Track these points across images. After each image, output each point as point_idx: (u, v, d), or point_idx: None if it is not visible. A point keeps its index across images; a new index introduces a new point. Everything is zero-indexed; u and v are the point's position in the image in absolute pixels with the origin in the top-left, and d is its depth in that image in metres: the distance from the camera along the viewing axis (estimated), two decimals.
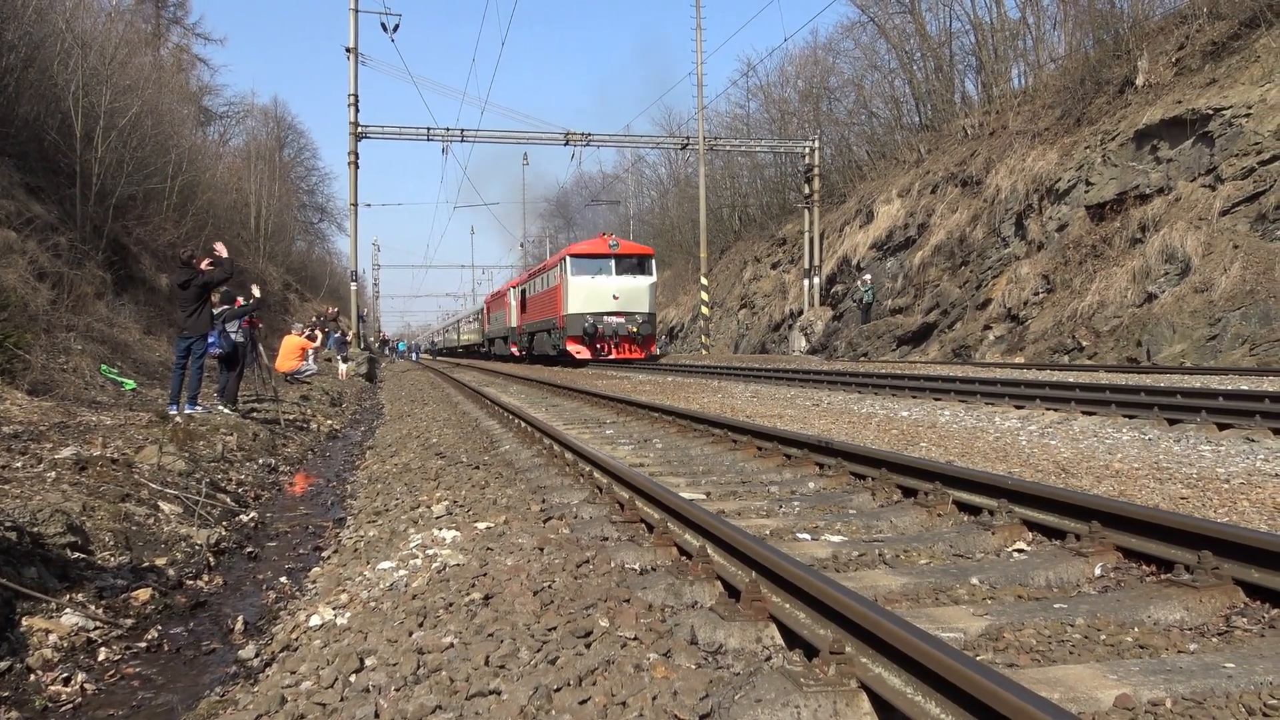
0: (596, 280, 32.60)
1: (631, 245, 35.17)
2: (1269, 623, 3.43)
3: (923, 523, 5.27)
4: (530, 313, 40.71)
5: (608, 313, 32.20)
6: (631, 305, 32.69)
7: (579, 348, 32.60)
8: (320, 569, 5.82)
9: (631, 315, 32.42)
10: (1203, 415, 8.55)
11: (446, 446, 9.89)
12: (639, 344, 32.62)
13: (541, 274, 38.79)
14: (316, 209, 78.91)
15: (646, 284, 33.46)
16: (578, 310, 32.45)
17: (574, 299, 32.65)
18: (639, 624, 3.41)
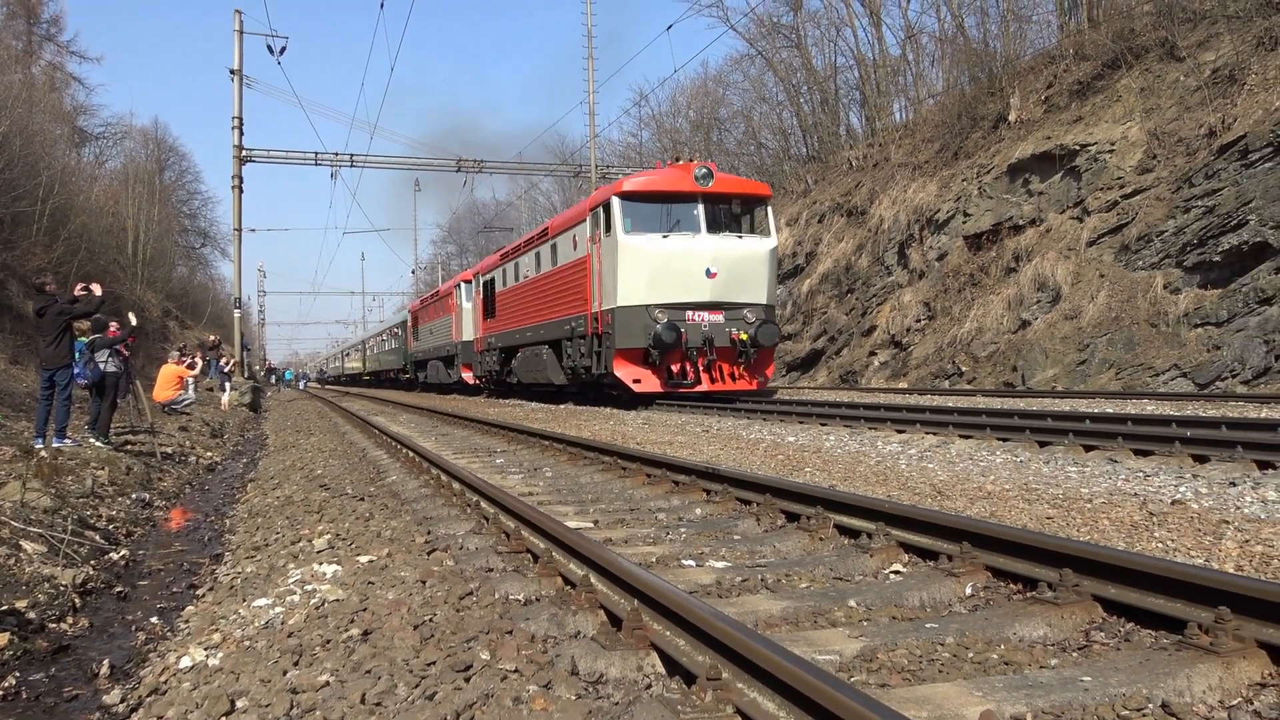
0: (672, 243, 18.11)
1: (732, 179, 19.74)
2: (1125, 636, 3.60)
3: (805, 547, 5.37)
4: (510, 314, 26.36)
5: (694, 304, 18.00)
6: (737, 289, 18.24)
7: (639, 371, 18.16)
8: (194, 608, 5.61)
9: (737, 309, 18.21)
10: (1070, 437, 8.93)
11: (331, 478, 9.68)
12: (749, 362, 18.31)
13: (538, 245, 23.75)
14: (199, 234, 76.51)
15: (764, 250, 18.69)
16: (638, 300, 17.87)
17: (631, 278, 18.04)
18: (520, 656, 3.39)
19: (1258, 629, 3.22)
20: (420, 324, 42.53)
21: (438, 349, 37.97)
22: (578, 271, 20.34)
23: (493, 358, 28.59)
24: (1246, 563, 4.34)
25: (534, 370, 24.01)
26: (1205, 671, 3.04)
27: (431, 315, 39.77)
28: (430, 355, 39.83)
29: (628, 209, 18.29)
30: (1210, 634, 3.20)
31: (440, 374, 37.41)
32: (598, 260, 19.12)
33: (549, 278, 22.69)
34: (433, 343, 39.25)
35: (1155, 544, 4.80)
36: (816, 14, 40.51)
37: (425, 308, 42.04)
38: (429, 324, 40.15)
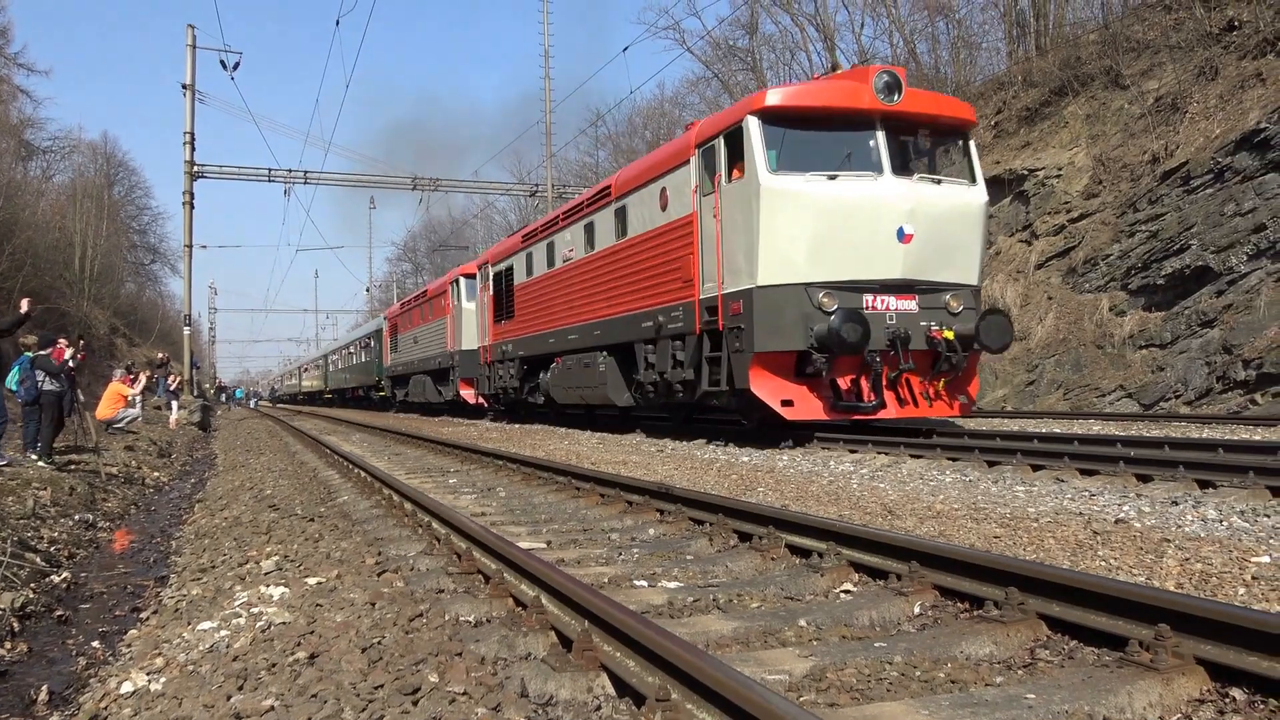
0: (843, 189, 11.78)
1: (926, 95, 13.28)
2: (1068, 654, 3.65)
3: (757, 567, 5.39)
4: (540, 312, 20.14)
5: (877, 284, 11.91)
6: (940, 262, 12.18)
7: (790, 389, 11.95)
8: (137, 631, 5.50)
9: (936, 292, 12.20)
10: (1019, 457, 9.05)
11: (281, 498, 9.55)
12: (954, 373, 12.25)
13: (589, 213, 17.40)
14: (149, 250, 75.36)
15: (976, 204, 12.60)
16: (792, 276, 11.73)
17: (781, 241, 11.79)
18: (469, 678, 3.36)
19: (1196, 646, 3.28)
20: (400, 332, 35.83)
21: (424, 361, 31.11)
22: (671, 240, 13.79)
23: (508, 371, 22.34)
24: (1187, 580, 4.43)
25: (581, 387, 17.76)
26: (1146, 688, 3.10)
27: (416, 321, 32.84)
28: (414, 369, 33.22)
29: (772, 137, 11.71)
30: (1151, 651, 3.26)
31: (427, 391, 31.12)
32: (714, 219, 12.48)
33: (613, 257, 16.13)
34: (417, 354, 32.52)
35: (1099, 562, 4.88)
36: (771, 38, 40.96)
37: (407, 313, 34.93)
38: (412, 331, 33.40)
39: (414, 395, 33.26)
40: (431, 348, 30.11)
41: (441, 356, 28.77)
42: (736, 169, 12.27)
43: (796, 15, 37.80)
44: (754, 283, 11.64)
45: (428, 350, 30.77)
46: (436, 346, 29.45)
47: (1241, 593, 4.19)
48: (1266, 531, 5.42)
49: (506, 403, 23.95)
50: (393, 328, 37.85)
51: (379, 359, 40.92)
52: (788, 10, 38.06)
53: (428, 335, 30.86)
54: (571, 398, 18.67)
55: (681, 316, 13.62)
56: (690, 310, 13.32)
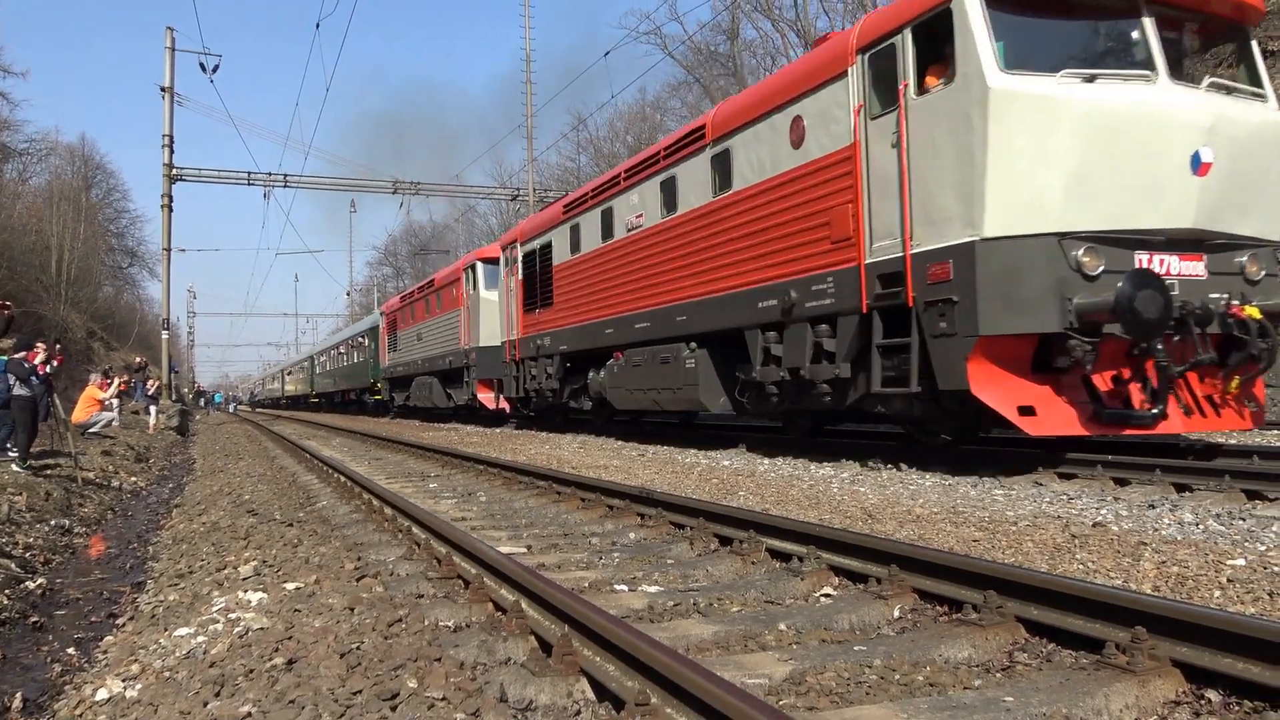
0: (1110, 95, 8.01)
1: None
2: (1046, 657, 3.68)
3: (737, 571, 5.40)
4: (591, 297, 16.63)
5: (1158, 235, 8.21)
6: (1243, 204, 8.45)
7: (1027, 390, 8.37)
8: (113, 638, 5.46)
9: (1233, 247, 8.55)
10: (996, 462, 9.08)
11: (260, 503, 9.50)
12: (1259, 366, 8.49)
13: (668, 165, 13.76)
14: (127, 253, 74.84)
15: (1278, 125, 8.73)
16: (1037, 224, 8.05)
17: (1017, 173, 8.06)
18: (448, 683, 3.35)
19: (1172, 648, 3.31)
20: (401, 329, 32.06)
21: (431, 361, 27.59)
22: (814, 186, 10.29)
23: (544, 370, 18.55)
24: (1163, 583, 4.46)
25: (655, 389, 14.06)
26: (1122, 690, 3.12)
27: (420, 315, 29.24)
28: (417, 370, 29.48)
29: (999, 24, 8.28)
30: (1127, 654, 3.28)
31: (434, 395, 27.65)
32: (896, 149, 9.06)
33: (709, 218, 12.49)
34: (421, 352, 28.90)
35: (1076, 566, 4.91)
36: (753, 43, 41.10)
37: (409, 306, 31.19)
38: (415, 327, 29.82)
39: (417, 399, 29.67)
40: (440, 345, 26.66)
41: (453, 355, 25.18)
42: (936, 72, 8.78)
43: (777, 21, 37.98)
44: (975, 233, 8.12)
45: (435, 348, 27.17)
46: (446, 344, 25.98)
47: (1217, 595, 4.22)
48: (1242, 534, 5.47)
49: (540, 408, 20.09)
50: (391, 324, 33.90)
51: (374, 359, 37.11)
52: (769, 16, 38.24)
53: (435, 331, 27.26)
54: (638, 402, 14.89)
55: (833, 289, 9.93)
56: (850, 280, 9.65)
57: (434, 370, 27.63)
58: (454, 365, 25.29)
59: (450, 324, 25.92)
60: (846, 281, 9.74)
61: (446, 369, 26.23)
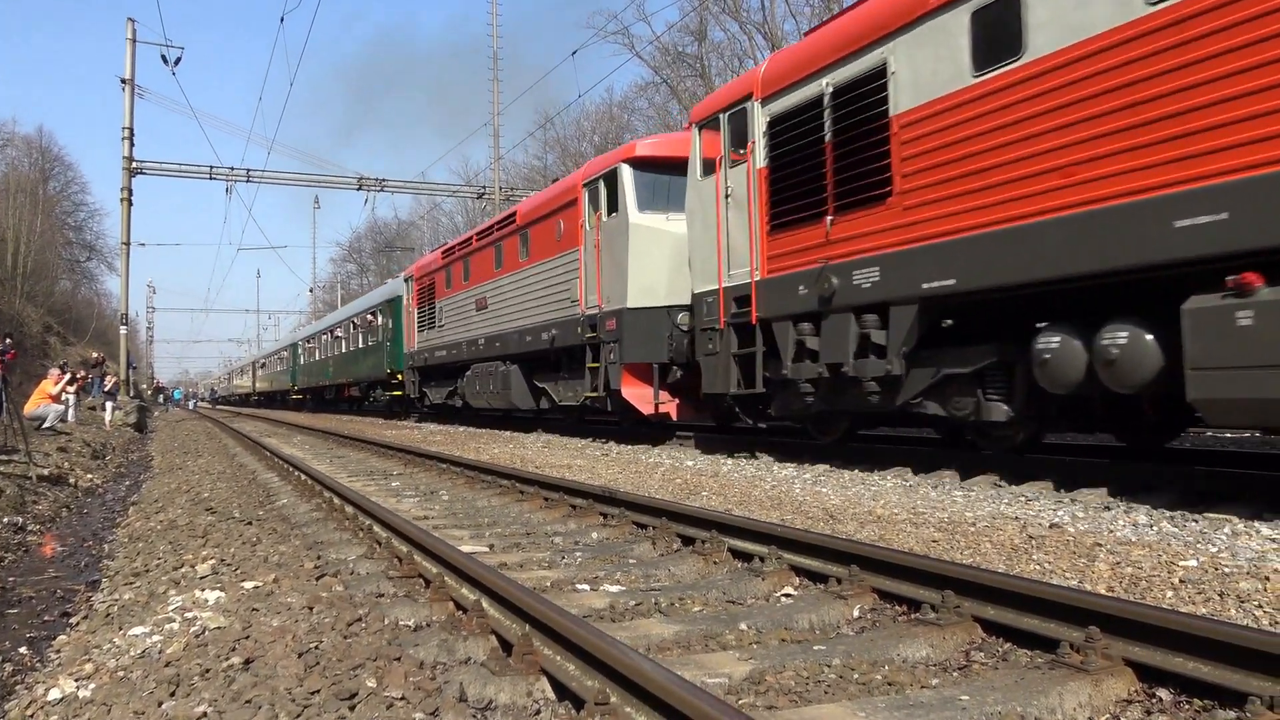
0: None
1: None
2: (1002, 656, 3.72)
3: (699, 571, 5.42)
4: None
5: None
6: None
7: None
8: (67, 637, 5.37)
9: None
10: (958, 462, 9.17)
11: (218, 501, 9.39)
12: None
13: None
14: (85, 247, 73.78)
15: None
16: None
17: None
18: (408, 683, 3.33)
19: (1125, 648, 3.36)
20: (445, 295, 23.13)
21: (508, 338, 18.68)
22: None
23: (843, 336, 9.64)
24: (1117, 584, 4.53)
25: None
26: (1076, 689, 3.16)
27: (484, 271, 20.42)
28: (478, 353, 20.54)
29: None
30: (1081, 653, 3.33)
31: (511, 390, 18.74)
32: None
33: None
34: (488, 326, 19.93)
35: (1033, 566, 4.97)
36: (720, 45, 41.26)
37: (462, 261, 22.03)
38: (475, 290, 20.87)
39: (473, 396, 21.06)
40: (529, 311, 17.61)
41: (559, 326, 16.29)
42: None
43: (745, 23, 38.13)
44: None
45: (518, 317, 18.16)
46: (544, 309, 16.97)
47: (1170, 595, 4.29)
48: (1194, 536, 5.56)
49: (800, 415, 11.22)
50: (424, 292, 25.20)
51: (393, 342, 28.53)
52: (736, 18, 38.38)
53: (520, 291, 18.19)
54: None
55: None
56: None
57: (513, 353, 18.45)
58: (560, 343, 16.19)
59: (552, 277, 16.62)
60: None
61: (541, 349, 17.06)
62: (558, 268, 16.46)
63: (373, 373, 31.92)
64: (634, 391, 13.83)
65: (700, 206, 12.04)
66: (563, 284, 16.18)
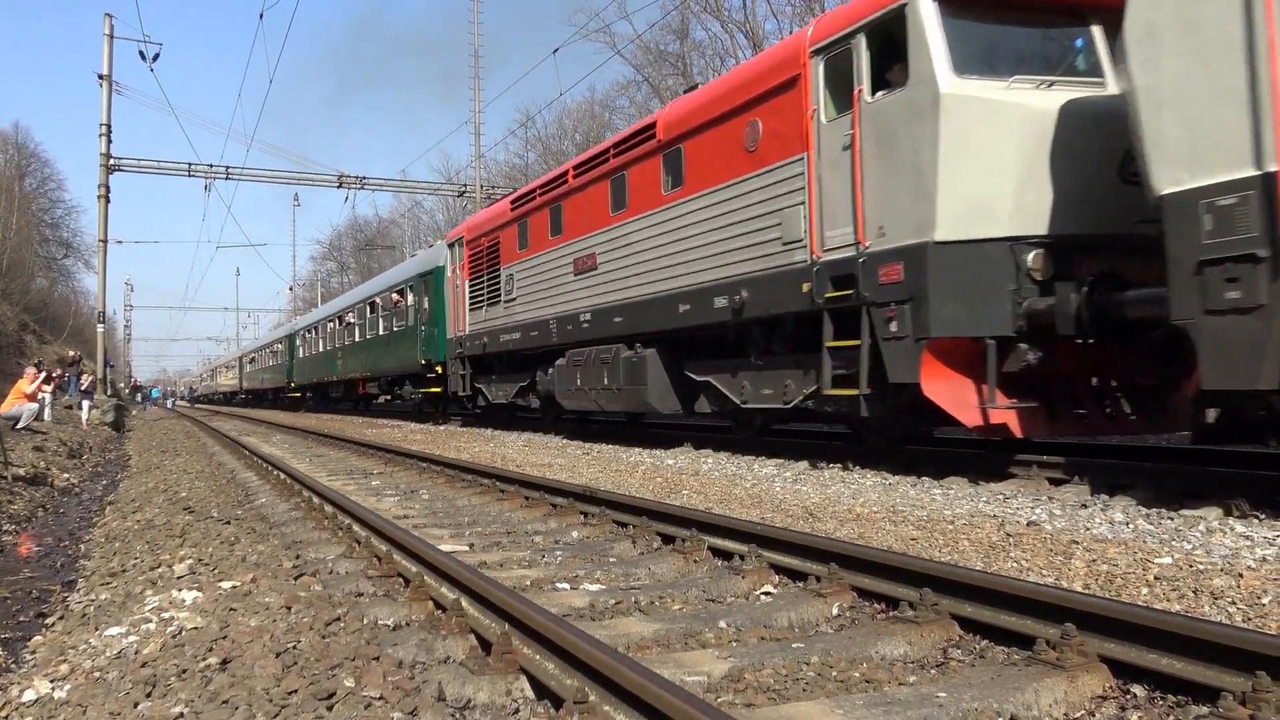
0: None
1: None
2: (979, 653, 3.75)
3: (679, 569, 5.43)
4: None
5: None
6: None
7: None
8: (42, 638, 5.33)
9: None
10: (937, 461, 9.23)
11: (196, 500, 9.34)
12: None
13: None
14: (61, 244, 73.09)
15: None
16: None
17: None
18: (386, 682, 3.32)
19: (1100, 644, 3.39)
20: (513, 260, 17.46)
21: (627, 311, 13.34)
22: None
23: None
24: (1093, 581, 4.56)
25: None
26: (1052, 686, 3.19)
27: (580, 221, 14.88)
28: (567, 338, 15.22)
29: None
30: (1057, 650, 3.35)
31: (635, 387, 13.09)
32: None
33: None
34: (588, 299, 14.54)
35: (1011, 564, 5.00)
36: (702, 43, 41.23)
37: (543, 209, 16.27)
38: (567, 249, 15.27)
39: (568, 394, 15.18)
40: (686, 267, 11.88)
41: (752, 284, 10.61)
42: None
43: (726, 22, 38.17)
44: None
45: (658, 278, 12.52)
46: (722, 258, 11.14)
47: (1144, 593, 4.33)
48: (1169, 533, 5.61)
49: None
50: (482, 257, 19.04)
51: (430, 326, 22.75)
52: (718, 17, 38.41)
53: (664, 238, 12.37)
54: None
55: None
56: None
57: (650, 331, 12.79)
58: (756, 310, 10.51)
59: (737, 210, 10.87)
60: None
61: (709, 322, 11.44)
62: (749, 194, 10.50)
63: (401, 365, 25.33)
64: (945, 387, 8.49)
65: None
66: (761, 217, 10.28)
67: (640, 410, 14.55)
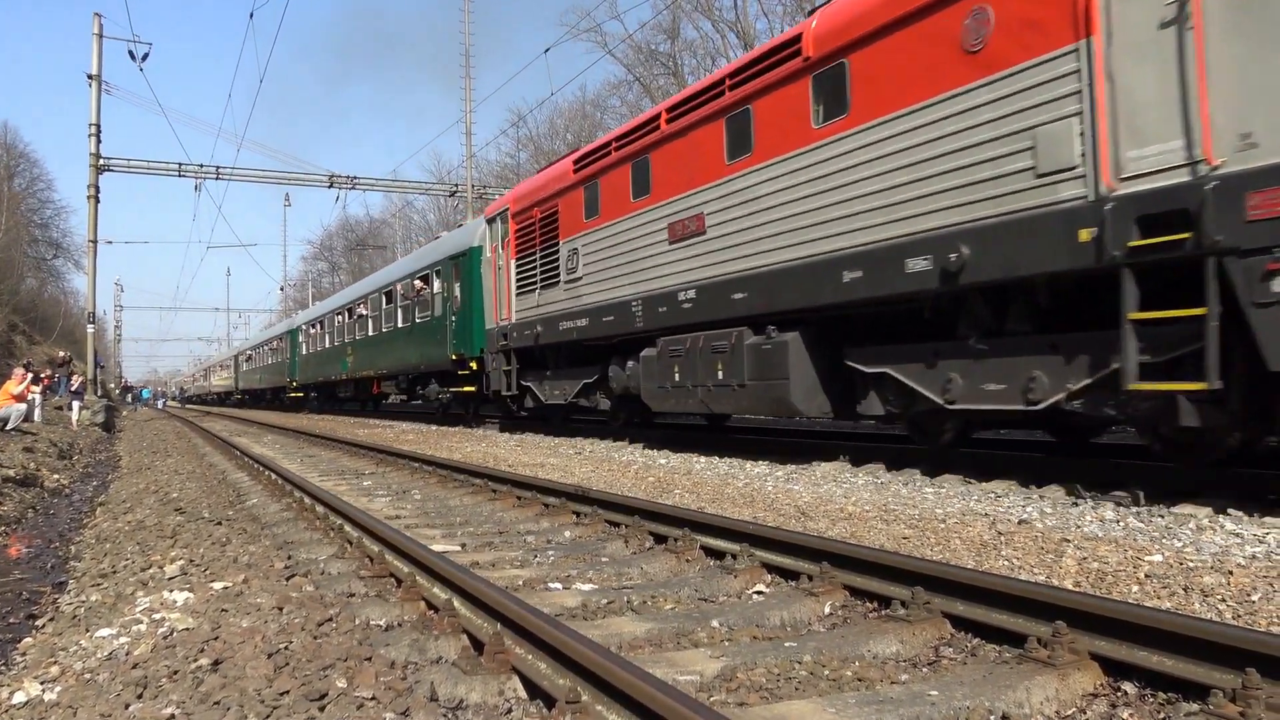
0: None
1: None
2: (971, 651, 3.76)
3: (671, 568, 5.43)
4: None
5: None
6: None
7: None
8: (32, 639, 5.30)
9: None
10: (928, 460, 9.24)
11: (188, 501, 9.30)
12: None
13: None
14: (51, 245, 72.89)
15: None
16: None
17: None
18: (378, 683, 3.32)
19: (1091, 642, 3.40)
20: (577, 231, 14.41)
21: (754, 283, 10.24)
22: None
23: None
24: (1084, 579, 4.58)
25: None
26: (1043, 683, 3.20)
27: (677, 176, 11.76)
28: (659, 321, 12.05)
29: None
30: (1048, 648, 3.36)
31: (768, 382, 10.01)
32: None
33: None
34: (688, 271, 11.49)
35: (1002, 562, 5.02)
36: (693, 43, 41.26)
37: (622, 165, 13.10)
38: (658, 211, 12.16)
39: (660, 394, 12.21)
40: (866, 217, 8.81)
41: (996, 230, 7.49)
42: None
43: (717, 21, 38.19)
44: None
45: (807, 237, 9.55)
46: (931, 200, 8.10)
47: (1135, 590, 4.34)
48: (1160, 531, 5.63)
49: None
50: (534, 231, 15.96)
51: (462, 315, 19.93)
52: (709, 16, 38.42)
53: (824, 182, 9.30)
54: None
55: None
56: None
57: (790, 308, 9.85)
58: (1019, 270, 7.35)
59: (966, 132, 7.80)
60: None
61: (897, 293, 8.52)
62: (970, 112, 7.78)
63: (427, 360, 22.31)
64: None
65: None
66: (993, 143, 7.58)
67: (774, 413, 10.67)
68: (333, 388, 35.09)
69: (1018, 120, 7.30)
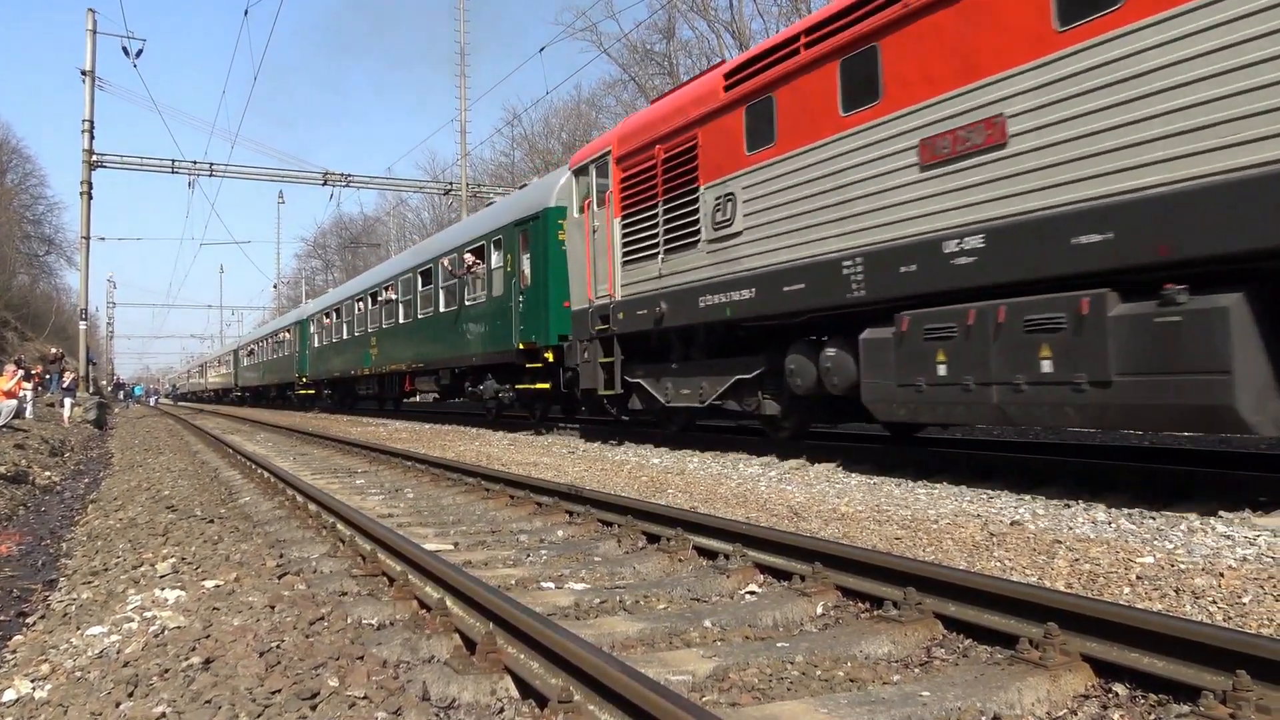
0: None
1: None
2: (963, 652, 3.76)
3: (664, 568, 5.43)
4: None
5: None
6: None
7: None
8: (23, 637, 5.28)
9: None
10: (922, 461, 9.24)
11: (180, 499, 9.29)
12: None
13: None
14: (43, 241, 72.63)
15: None
16: None
17: None
18: (370, 682, 3.31)
19: (1083, 643, 3.41)
20: (729, 172, 10.56)
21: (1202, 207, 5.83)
22: None
23: None
24: (1076, 580, 4.59)
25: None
26: (1034, 684, 3.20)
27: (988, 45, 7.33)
28: (913, 285, 8.09)
29: None
30: (1040, 649, 3.37)
31: (1215, 376, 5.73)
32: None
33: None
34: (1045, 178, 6.85)
35: (994, 563, 5.03)
36: (688, 43, 41.25)
37: (835, 59, 8.93)
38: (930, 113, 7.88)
39: (908, 396, 8.15)
40: None
41: None
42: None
43: (713, 21, 38.18)
44: None
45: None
46: None
47: (1126, 592, 4.35)
48: (1151, 533, 5.64)
49: None
50: (654, 179, 12.08)
51: (530, 296, 16.61)
52: (704, 16, 38.42)
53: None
54: None
55: None
56: None
57: (1249, 250, 5.68)
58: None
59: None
60: None
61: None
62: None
63: (486, 349, 18.28)
64: None
65: None
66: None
67: (1187, 426, 6.46)
68: (352, 384, 30.79)
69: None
